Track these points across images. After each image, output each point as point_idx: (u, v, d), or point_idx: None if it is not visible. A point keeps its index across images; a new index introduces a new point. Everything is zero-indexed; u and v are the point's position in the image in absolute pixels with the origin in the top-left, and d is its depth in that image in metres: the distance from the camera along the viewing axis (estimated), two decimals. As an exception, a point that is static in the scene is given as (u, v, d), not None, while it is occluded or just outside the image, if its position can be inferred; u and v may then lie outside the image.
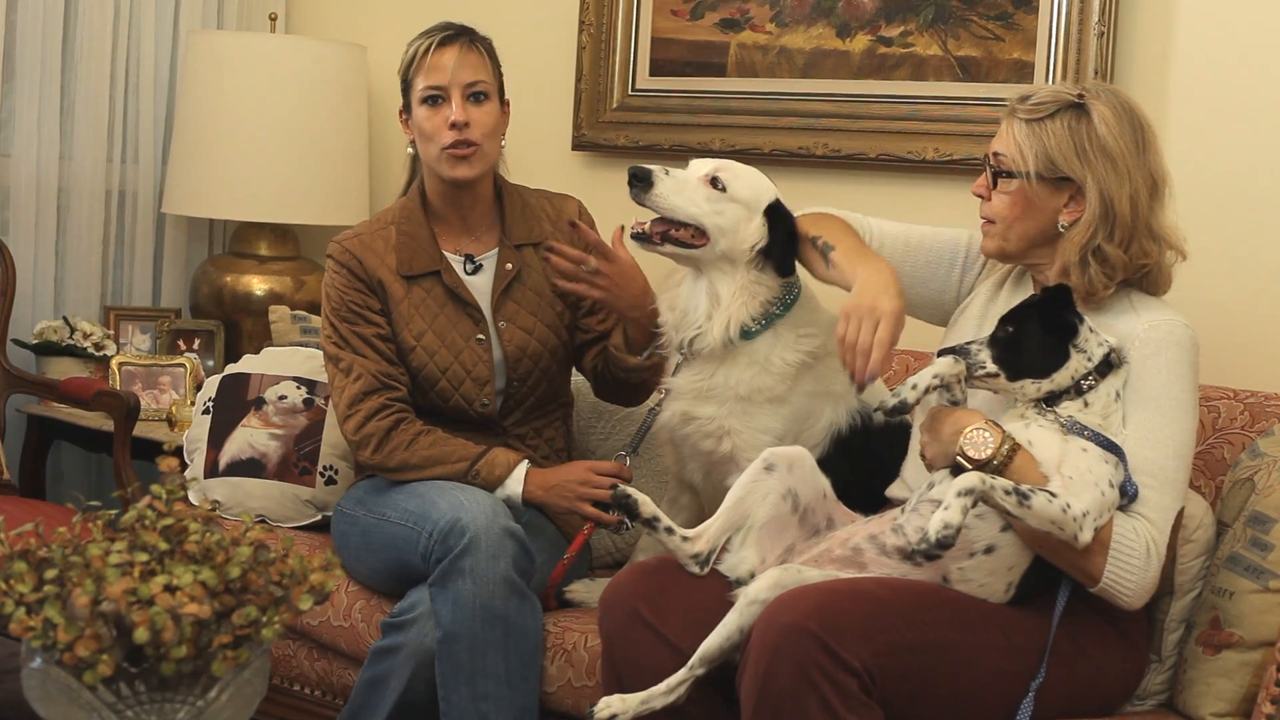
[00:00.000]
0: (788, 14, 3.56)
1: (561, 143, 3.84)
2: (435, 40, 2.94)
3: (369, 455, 2.89)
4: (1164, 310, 2.46)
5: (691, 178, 2.68)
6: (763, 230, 2.67)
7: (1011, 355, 2.35)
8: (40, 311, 4.01)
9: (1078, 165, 2.42)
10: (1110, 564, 2.29)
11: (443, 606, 2.68)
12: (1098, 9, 3.16)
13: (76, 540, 1.82)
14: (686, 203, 2.65)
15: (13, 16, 3.89)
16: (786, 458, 2.49)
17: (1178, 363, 2.40)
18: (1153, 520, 2.32)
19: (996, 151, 2.51)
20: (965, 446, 2.30)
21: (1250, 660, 2.43)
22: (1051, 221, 2.48)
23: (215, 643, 1.74)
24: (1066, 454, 2.29)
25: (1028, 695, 2.32)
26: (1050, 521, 2.23)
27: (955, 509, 2.18)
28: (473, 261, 3.01)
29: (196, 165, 3.97)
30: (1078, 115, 2.44)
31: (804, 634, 2.20)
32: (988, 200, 2.52)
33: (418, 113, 2.95)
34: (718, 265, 2.67)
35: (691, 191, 2.66)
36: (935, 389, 2.36)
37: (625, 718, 2.35)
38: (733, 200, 2.66)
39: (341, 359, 2.93)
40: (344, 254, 2.97)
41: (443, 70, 2.92)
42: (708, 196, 2.66)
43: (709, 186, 2.67)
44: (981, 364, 2.35)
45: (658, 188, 2.65)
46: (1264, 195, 3.05)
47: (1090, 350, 2.35)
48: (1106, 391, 2.35)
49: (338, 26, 4.28)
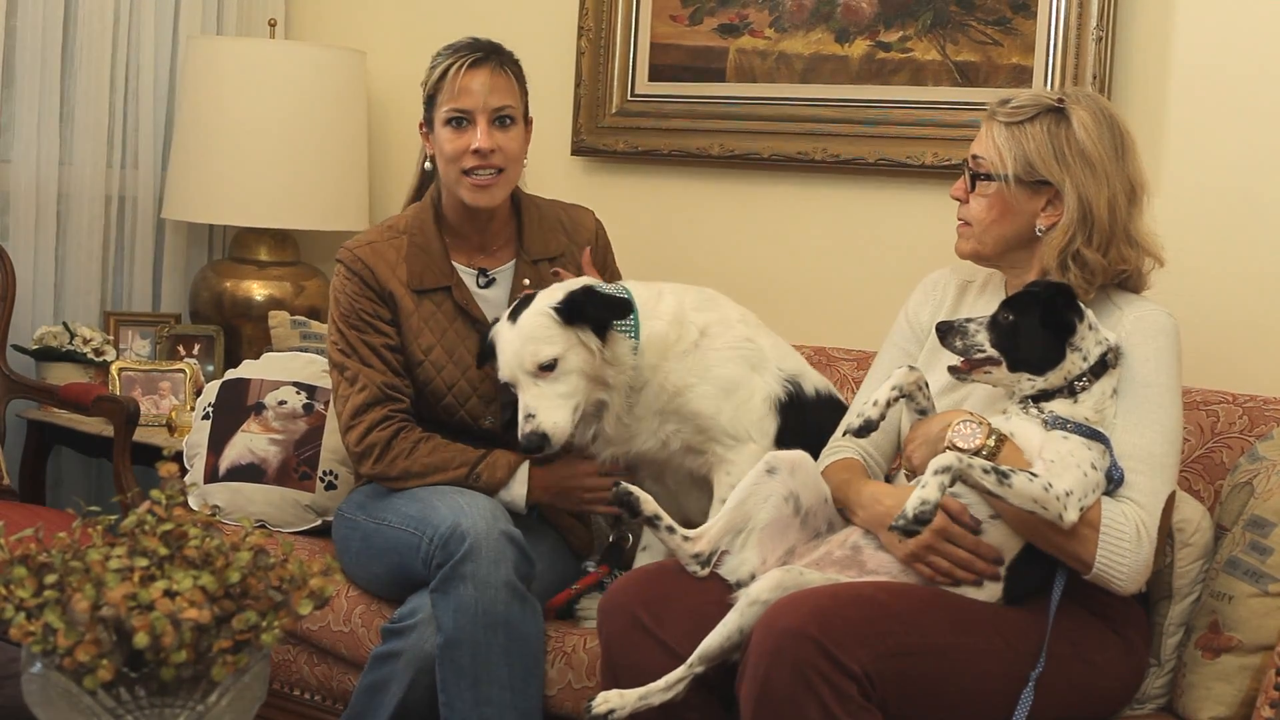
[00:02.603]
0: (787, 19, 3.56)
1: (560, 148, 3.84)
2: (466, 61, 2.89)
3: (371, 466, 2.88)
4: (1147, 303, 2.50)
5: (530, 395, 2.63)
6: (586, 336, 2.64)
7: (1009, 341, 2.35)
8: (40, 317, 4.01)
9: (1056, 169, 2.44)
10: (1101, 548, 2.30)
11: (444, 612, 2.68)
12: (1096, 14, 3.16)
13: (76, 545, 1.82)
14: (560, 414, 2.62)
15: (12, 22, 3.90)
16: (789, 461, 2.50)
17: (1163, 350, 2.42)
18: (1142, 504, 2.34)
19: (975, 155, 2.52)
20: (954, 438, 2.31)
21: (1249, 664, 2.43)
22: (1028, 225, 2.49)
23: (215, 648, 1.74)
24: (1047, 441, 2.32)
25: (1028, 685, 2.32)
26: (1032, 500, 2.24)
27: (932, 486, 2.18)
28: (486, 275, 3.00)
29: (196, 170, 3.97)
30: (1057, 119, 2.45)
31: (802, 638, 2.20)
32: (965, 203, 2.54)
33: (441, 132, 2.91)
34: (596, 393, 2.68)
35: (550, 400, 2.61)
36: (896, 401, 2.39)
37: (623, 713, 2.36)
38: (561, 357, 2.62)
39: (347, 367, 2.92)
40: (356, 262, 2.94)
41: (471, 95, 2.88)
42: (552, 381, 2.62)
43: (543, 374, 2.62)
44: (980, 346, 2.36)
45: (553, 434, 2.61)
46: (1262, 200, 3.05)
47: (1087, 349, 2.36)
48: (1101, 390, 2.37)
49: (337, 32, 4.29)
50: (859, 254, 3.50)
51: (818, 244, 3.51)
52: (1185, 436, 2.73)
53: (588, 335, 2.64)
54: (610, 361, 2.66)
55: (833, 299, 3.51)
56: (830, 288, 3.51)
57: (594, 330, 2.64)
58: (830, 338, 3.29)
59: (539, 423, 2.60)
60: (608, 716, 2.36)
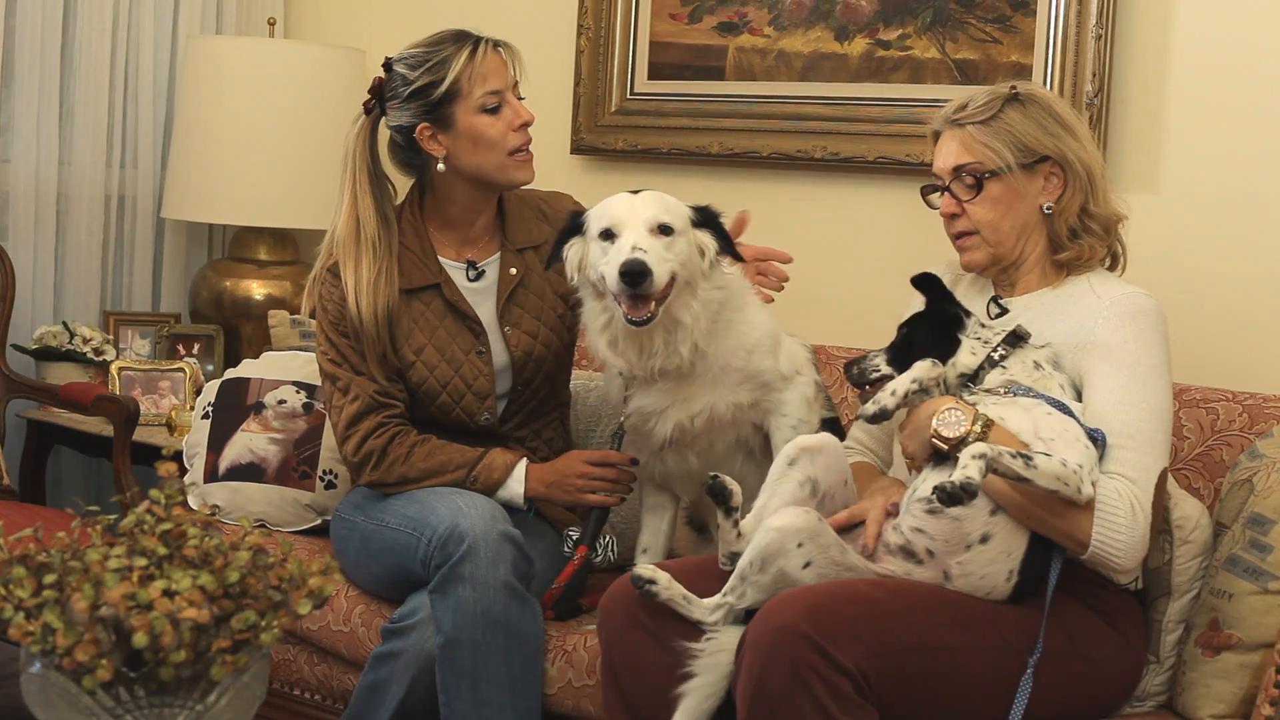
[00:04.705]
0: (786, 17, 3.56)
1: (560, 146, 3.84)
2: (473, 47, 2.86)
3: (368, 474, 2.88)
4: (1124, 285, 2.55)
5: (642, 239, 2.58)
6: (705, 237, 2.65)
7: (903, 356, 2.45)
8: (40, 316, 4.01)
9: (1050, 141, 2.53)
10: (1096, 525, 2.32)
11: (443, 613, 2.68)
12: (1095, 12, 3.16)
13: (76, 545, 1.81)
14: (663, 268, 2.57)
15: (11, 21, 3.90)
16: (809, 449, 2.50)
17: (1145, 330, 2.46)
18: (1134, 479, 2.35)
19: (960, 164, 2.54)
20: (939, 427, 2.32)
21: (1249, 662, 2.43)
22: (1033, 208, 2.55)
23: (214, 647, 1.74)
24: (1037, 420, 2.34)
25: (1027, 671, 2.32)
26: (1056, 478, 2.26)
27: (973, 468, 2.19)
28: (475, 268, 2.99)
29: (196, 170, 3.97)
30: (1022, 104, 2.55)
31: (797, 635, 2.21)
32: (961, 215, 2.56)
33: (477, 122, 2.86)
34: (677, 298, 2.63)
35: (658, 252, 2.58)
36: (915, 394, 2.40)
37: (660, 595, 2.40)
38: (677, 234, 2.62)
39: (339, 377, 2.90)
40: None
41: (499, 75, 2.88)
42: (665, 245, 2.59)
43: (660, 235, 2.59)
44: (875, 367, 2.48)
45: (655, 272, 2.55)
46: (1261, 197, 3.05)
47: (984, 336, 2.45)
48: (1022, 360, 2.42)
49: (336, 31, 4.29)
50: (858, 252, 3.50)
51: (817, 242, 3.50)
52: (1185, 435, 2.74)
53: (705, 236, 2.65)
54: (706, 275, 2.65)
55: (831, 297, 3.51)
56: (829, 286, 3.51)
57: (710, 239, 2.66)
58: (829, 336, 3.29)
59: (647, 256, 2.55)
60: (647, 584, 2.41)
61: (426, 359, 2.92)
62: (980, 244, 2.58)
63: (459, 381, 2.92)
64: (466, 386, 2.93)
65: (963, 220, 2.57)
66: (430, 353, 2.92)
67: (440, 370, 2.92)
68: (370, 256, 2.87)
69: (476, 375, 2.92)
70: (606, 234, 2.61)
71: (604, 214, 2.63)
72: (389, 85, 2.92)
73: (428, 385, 2.91)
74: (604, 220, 2.62)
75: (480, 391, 2.93)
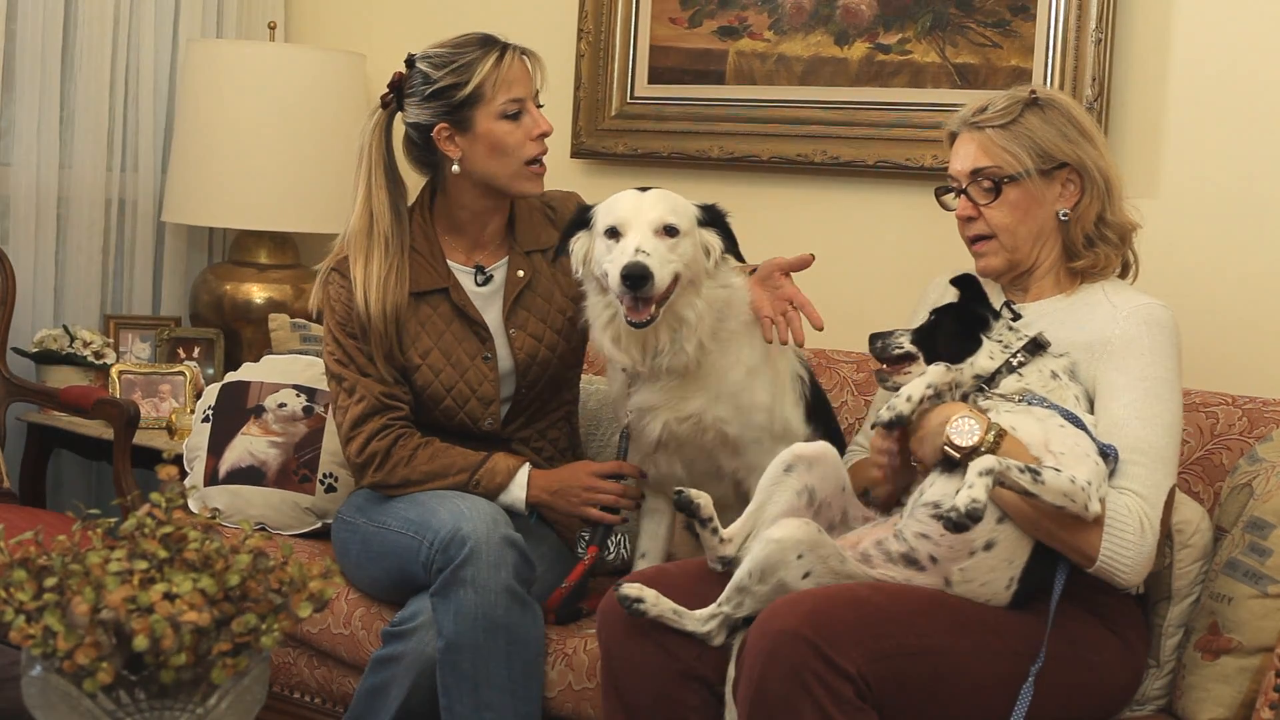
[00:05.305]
0: (786, 21, 3.56)
1: (560, 150, 3.83)
2: (501, 52, 2.86)
3: (371, 475, 2.88)
4: (1140, 295, 2.54)
5: (646, 240, 2.58)
6: (710, 237, 2.67)
7: (928, 339, 2.46)
8: (40, 320, 4.01)
9: (1068, 148, 2.53)
10: (1105, 540, 2.31)
11: (445, 616, 2.68)
12: (1095, 16, 3.16)
13: (76, 548, 1.82)
14: (666, 270, 2.58)
15: (12, 26, 3.90)
16: (806, 456, 2.50)
17: (1161, 343, 2.46)
18: (1144, 496, 2.35)
19: (978, 167, 2.54)
20: (951, 434, 2.31)
21: (1249, 665, 2.43)
22: (1049, 214, 2.55)
23: (215, 650, 1.74)
24: (1049, 432, 2.33)
25: (1028, 680, 2.32)
26: (1063, 494, 2.25)
27: (979, 487, 2.19)
28: (484, 272, 2.99)
29: (196, 174, 3.98)
30: (1042, 109, 2.54)
31: (797, 640, 2.21)
32: (977, 218, 2.55)
33: (496, 128, 2.86)
34: (681, 296, 2.64)
35: (662, 254, 2.58)
36: (929, 399, 2.39)
37: (649, 612, 2.40)
38: (683, 235, 2.63)
39: (345, 378, 2.90)
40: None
41: (522, 83, 2.88)
42: (670, 246, 2.60)
43: (665, 236, 2.60)
44: (898, 344, 2.48)
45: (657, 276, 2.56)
46: (1261, 201, 3.05)
47: (1007, 339, 2.44)
48: (1040, 369, 2.41)
49: (336, 35, 4.29)
50: (859, 256, 3.50)
51: (817, 246, 3.47)
52: (1185, 439, 2.73)
53: (711, 236, 2.67)
54: (711, 274, 2.67)
55: (832, 301, 3.49)
56: (830, 290, 3.49)
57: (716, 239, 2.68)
58: (830, 340, 3.29)
59: (649, 260, 2.56)
60: (635, 602, 2.40)
61: (432, 363, 2.91)
62: (998, 249, 2.58)
63: (464, 386, 2.92)
64: (471, 392, 2.93)
65: (979, 224, 2.57)
66: (436, 357, 2.92)
67: (445, 375, 2.92)
68: (382, 252, 2.87)
69: (481, 381, 2.92)
70: (612, 232, 2.63)
71: (611, 211, 2.65)
72: (409, 81, 2.92)
73: (432, 389, 2.91)
74: (610, 218, 2.64)
75: (485, 397, 2.93)
